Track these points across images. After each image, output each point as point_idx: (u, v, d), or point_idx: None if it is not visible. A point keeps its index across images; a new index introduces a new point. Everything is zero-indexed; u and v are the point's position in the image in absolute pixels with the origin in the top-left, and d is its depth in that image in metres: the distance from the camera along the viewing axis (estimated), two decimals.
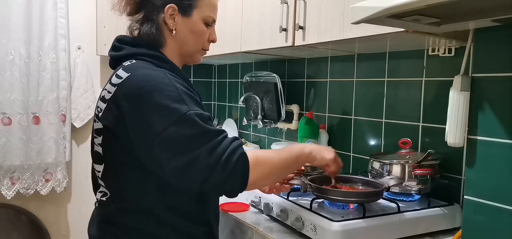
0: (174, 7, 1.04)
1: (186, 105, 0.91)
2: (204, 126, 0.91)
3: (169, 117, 0.89)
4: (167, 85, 0.92)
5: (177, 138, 0.89)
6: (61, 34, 2.29)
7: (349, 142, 1.78)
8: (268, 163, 0.97)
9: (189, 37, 1.07)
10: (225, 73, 2.74)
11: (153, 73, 0.95)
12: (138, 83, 0.93)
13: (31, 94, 2.22)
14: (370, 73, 1.68)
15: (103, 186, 1.03)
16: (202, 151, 0.88)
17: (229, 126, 2.62)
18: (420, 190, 1.33)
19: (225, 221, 1.44)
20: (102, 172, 1.02)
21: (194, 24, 1.07)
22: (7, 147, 2.19)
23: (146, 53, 1.03)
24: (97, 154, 1.02)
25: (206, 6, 1.08)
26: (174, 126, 0.88)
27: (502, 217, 0.98)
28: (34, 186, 2.30)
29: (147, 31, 1.05)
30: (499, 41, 0.99)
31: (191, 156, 0.88)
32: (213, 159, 0.88)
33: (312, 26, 1.42)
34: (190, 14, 1.06)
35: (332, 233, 1.10)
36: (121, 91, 0.94)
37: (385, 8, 0.87)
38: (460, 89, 1.05)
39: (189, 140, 0.89)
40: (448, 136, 1.10)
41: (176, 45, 1.08)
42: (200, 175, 0.89)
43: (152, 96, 0.90)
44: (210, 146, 0.89)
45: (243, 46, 1.81)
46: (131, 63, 1.00)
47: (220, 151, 0.89)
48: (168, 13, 1.04)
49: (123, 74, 0.96)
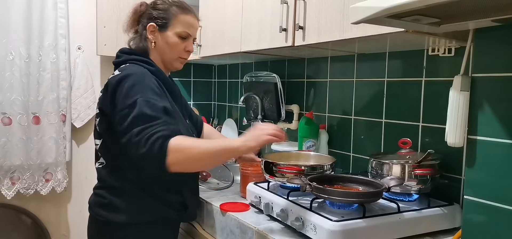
0: (154, 25, 1.36)
1: (141, 94, 1.16)
2: (147, 112, 1.13)
3: (127, 100, 1.16)
4: (137, 79, 1.21)
5: (125, 117, 1.15)
6: (61, 34, 2.30)
7: (349, 142, 1.78)
8: (189, 149, 1.12)
9: (165, 48, 1.37)
10: (225, 73, 2.74)
11: (136, 70, 1.25)
12: (122, 75, 1.23)
13: (31, 94, 2.22)
14: (370, 73, 1.68)
15: (101, 157, 1.33)
16: (135, 131, 1.11)
17: (229, 126, 2.62)
18: (420, 190, 1.33)
19: (225, 221, 1.44)
20: (99, 145, 1.33)
21: (168, 38, 1.36)
22: (7, 147, 2.19)
23: (137, 58, 1.34)
24: (96, 131, 1.33)
25: (180, 24, 1.36)
26: (127, 108, 1.15)
27: (502, 217, 0.98)
28: (34, 186, 2.30)
29: (137, 43, 1.39)
30: (499, 41, 0.99)
31: (130, 135, 1.12)
32: (138, 138, 1.10)
33: (312, 26, 1.42)
34: (165, 30, 1.36)
35: (332, 233, 1.10)
36: (110, 82, 1.25)
37: (385, 8, 0.87)
38: (460, 89, 1.05)
39: (132, 120, 1.13)
40: (448, 136, 1.10)
41: (157, 54, 1.38)
42: (131, 150, 1.12)
43: (124, 84, 1.20)
44: (141, 128, 1.11)
45: (243, 46, 1.81)
46: (125, 65, 1.30)
47: (146, 133, 1.10)
48: (150, 30, 1.36)
49: (116, 72, 1.28)
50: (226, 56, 2.05)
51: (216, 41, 2.04)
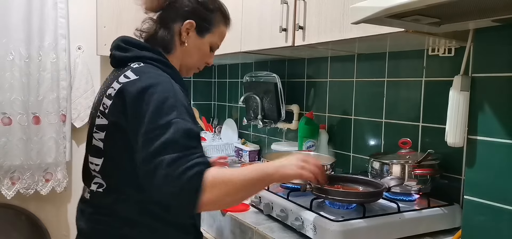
0: (193, 23, 1.12)
1: (177, 113, 0.93)
2: (183, 138, 0.91)
3: (159, 118, 0.92)
4: (168, 91, 0.96)
5: (154, 140, 0.90)
6: (61, 34, 2.29)
7: (349, 142, 1.78)
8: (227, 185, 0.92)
9: (194, 53, 1.16)
10: (225, 73, 2.74)
11: (160, 77, 1.00)
12: (145, 84, 0.97)
13: (31, 94, 2.22)
14: (370, 73, 1.68)
15: (99, 178, 1.06)
16: (166, 160, 0.88)
17: (229, 126, 2.62)
18: (420, 190, 1.33)
19: (225, 221, 1.44)
20: (101, 165, 1.05)
21: (202, 45, 1.16)
22: (7, 147, 2.19)
23: (154, 57, 1.08)
24: (96, 148, 1.05)
25: (218, 35, 1.19)
26: (159, 130, 0.91)
27: (502, 217, 0.98)
28: (34, 186, 2.30)
29: (162, 36, 1.12)
30: (499, 41, 0.99)
31: (157, 163, 0.89)
32: (169, 170, 0.87)
33: (312, 26, 1.42)
34: (203, 35, 1.15)
35: (332, 233, 1.10)
36: (128, 89, 0.98)
37: (385, 8, 0.87)
38: (460, 89, 1.05)
39: (163, 145, 0.89)
40: (448, 136, 1.10)
41: (181, 55, 1.15)
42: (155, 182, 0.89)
43: (152, 97, 0.94)
44: (175, 158, 0.88)
45: (243, 46, 1.81)
46: (139, 66, 1.04)
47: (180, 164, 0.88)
48: (186, 27, 1.12)
49: (131, 75, 1.00)
50: (226, 56, 2.05)
51: None
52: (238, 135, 2.56)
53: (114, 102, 1.00)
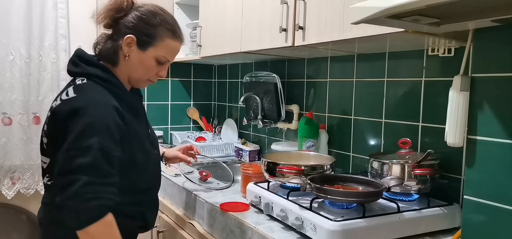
0: (133, 38, 1.19)
1: (99, 137, 1.03)
2: (100, 163, 1.02)
3: (81, 140, 1.03)
4: (97, 114, 1.07)
5: (73, 158, 1.01)
6: (62, 34, 2.30)
7: (349, 142, 1.78)
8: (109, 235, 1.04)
9: (138, 67, 1.22)
10: (225, 73, 2.75)
11: (94, 100, 1.10)
12: (77, 104, 1.08)
13: (31, 94, 2.22)
14: (370, 73, 1.68)
15: (47, 175, 1.19)
16: (82, 180, 0.99)
17: (229, 126, 2.62)
18: (419, 190, 1.33)
19: (225, 221, 1.44)
20: (47, 164, 1.18)
21: (145, 58, 1.21)
22: (7, 147, 2.20)
23: (99, 75, 1.18)
24: (44, 149, 1.18)
25: (163, 48, 1.22)
26: (78, 150, 1.02)
27: (502, 217, 0.98)
28: (35, 186, 2.30)
29: (107, 48, 1.22)
30: (499, 41, 0.99)
31: (74, 178, 0.99)
32: (82, 190, 0.99)
33: (312, 26, 1.42)
34: (145, 49, 1.20)
35: (332, 233, 1.10)
36: (64, 107, 1.10)
37: (385, 8, 0.87)
38: (459, 89, 1.05)
39: (80, 167, 1.00)
40: (447, 136, 1.10)
41: (126, 69, 1.23)
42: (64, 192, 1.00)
43: (81, 118, 1.05)
44: (89, 181, 1.00)
45: (243, 46, 1.81)
46: (82, 83, 1.15)
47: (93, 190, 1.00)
48: (126, 41, 1.19)
49: (71, 93, 1.12)
50: (226, 56, 2.05)
51: (216, 41, 2.04)
52: (238, 135, 2.56)
53: (53, 116, 1.13)
